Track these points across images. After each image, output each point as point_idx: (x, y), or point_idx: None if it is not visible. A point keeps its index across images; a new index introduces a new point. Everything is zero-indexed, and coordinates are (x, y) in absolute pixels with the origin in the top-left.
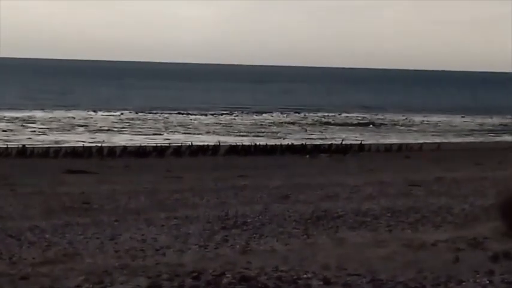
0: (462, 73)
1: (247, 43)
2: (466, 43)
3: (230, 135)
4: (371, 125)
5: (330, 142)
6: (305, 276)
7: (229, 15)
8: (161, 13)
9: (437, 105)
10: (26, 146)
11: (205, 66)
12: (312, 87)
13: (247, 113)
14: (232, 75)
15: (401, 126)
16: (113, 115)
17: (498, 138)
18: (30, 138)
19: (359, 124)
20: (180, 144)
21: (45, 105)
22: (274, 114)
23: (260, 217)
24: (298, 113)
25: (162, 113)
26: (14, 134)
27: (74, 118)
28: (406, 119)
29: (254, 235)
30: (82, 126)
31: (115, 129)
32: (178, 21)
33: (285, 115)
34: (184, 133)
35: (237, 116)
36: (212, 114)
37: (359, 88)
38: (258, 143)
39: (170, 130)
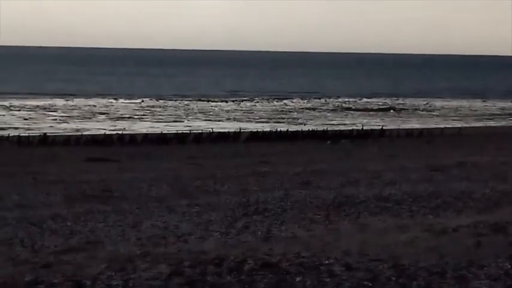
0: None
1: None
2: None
3: (251, 121)
4: (392, 110)
5: (350, 128)
6: (327, 262)
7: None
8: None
9: (458, 90)
10: (48, 134)
11: (224, 53)
12: (332, 73)
13: (267, 99)
14: (251, 61)
15: (422, 111)
16: (134, 102)
17: None
18: (51, 126)
19: (380, 109)
20: (201, 131)
21: (65, 93)
22: (294, 100)
23: (281, 203)
24: (319, 98)
25: (182, 100)
26: (35, 123)
27: (94, 106)
28: (427, 103)
29: (275, 221)
30: (103, 114)
31: (136, 116)
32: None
33: (305, 101)
34: (205, 120)
35: (257, 102)
36: (233, 101)
37: (379, 73)
38: (278, 129)
39: (191, 117)
